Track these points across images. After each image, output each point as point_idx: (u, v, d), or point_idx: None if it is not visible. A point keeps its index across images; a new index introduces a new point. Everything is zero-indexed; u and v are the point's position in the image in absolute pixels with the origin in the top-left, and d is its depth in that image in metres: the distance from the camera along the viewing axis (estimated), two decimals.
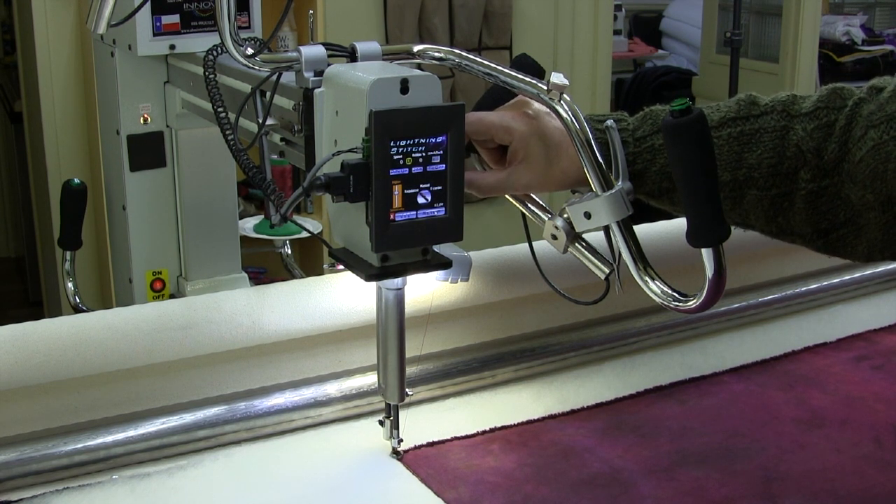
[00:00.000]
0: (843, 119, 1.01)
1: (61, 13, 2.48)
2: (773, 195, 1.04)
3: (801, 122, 1.04)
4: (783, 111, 1.05)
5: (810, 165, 1.02)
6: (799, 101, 1.06)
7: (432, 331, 1.25)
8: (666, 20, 6.21)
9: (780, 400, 1.28)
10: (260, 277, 2.41)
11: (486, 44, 3.34)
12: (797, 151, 1.03)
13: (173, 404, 1.14)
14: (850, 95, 1.04)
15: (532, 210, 1.13)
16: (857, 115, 1.00)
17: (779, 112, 1.05)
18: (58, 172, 2.52)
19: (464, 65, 1.07)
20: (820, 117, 1.03)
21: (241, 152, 1.09)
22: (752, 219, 1.07)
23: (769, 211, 1.05)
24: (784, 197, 1.04)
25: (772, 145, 1.04)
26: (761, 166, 1.04)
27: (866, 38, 4.77)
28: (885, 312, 1.55)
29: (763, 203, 1.05)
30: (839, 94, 1.04)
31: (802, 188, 1.03)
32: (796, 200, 1.04)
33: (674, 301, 1.00)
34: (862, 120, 0.99)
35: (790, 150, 1.03)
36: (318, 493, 1.07)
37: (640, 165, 1.08)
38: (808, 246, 1.07)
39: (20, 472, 1.05)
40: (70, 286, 1.67)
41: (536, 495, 1.07)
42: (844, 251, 1.05)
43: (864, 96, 1.02)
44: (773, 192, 1.04)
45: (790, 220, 1.05)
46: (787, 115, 1.05)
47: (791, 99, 1.06)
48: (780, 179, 1.04)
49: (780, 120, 1.05)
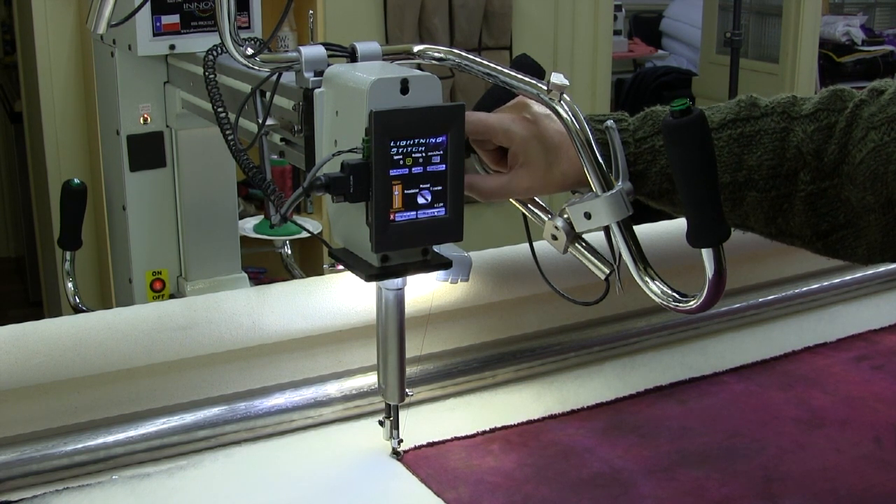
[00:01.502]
0: (844, 121, 1.01)
1: (61, 13, 2.48)
2: (773, 197, 1.04)
3: (802, 123, 1.03)
4: (783, 113, 1.05)
5: (810, 167, 1.02)
6: (799, 102, 1.06)
7: (432, 331, 1.25)
8: (666, 20, 6.21)
9: (780, 400, 1.28)
10: (260, 277, 2.41)
11: (486, 44, 3.34)
12: (797, 153, 1.03)
13: (173, 404, 1.14)
14: (851, 97, 1.03)
15: (532, 210, 1.13)
16: (858, 117, 1.00)
17: (779, 114, 1.05)
18: (58, 172, 2.52)
19: (464, 65, 1.07)
20: (820, 119, 1.03)
21: (241, 152, 1.09)
22: (751, 221, 1.07)
23: (769, 213, 1.05)
24: (783, 199, 1.04)
25: (771, 147, 1.04)
26: (761, 168, 1.04)
27: (866, 38, 4.77)
28: (885, 312, 1.55)
29: (763, 205, 1.05)
30: (839, 96, 1.04)
31: (802, 190, 1.03)
32: (796, 202, 1.04)
33: (674, 301, 1.00)
34: (862, 122, 0.99)
35: (790, 151, 1.03)
36: (318, 493, 1.07)
37: (641, 166, 1.08)
38: (807, 248, 1.07)
39: (20, 472, 1.05)
40: (70, 286, 1.67)
41: (536, 495, 1.07)
42: (844, 253, 1.05)
43: (865, 98, 1.01)
44: (772, 194, 1.04)
45: (789, 221, 1.05)
46: (787, 116, 1.05)
47: (791, 100, 1.06)
48: (780, 181, 1.04)
49: (780, 122, 1.05)
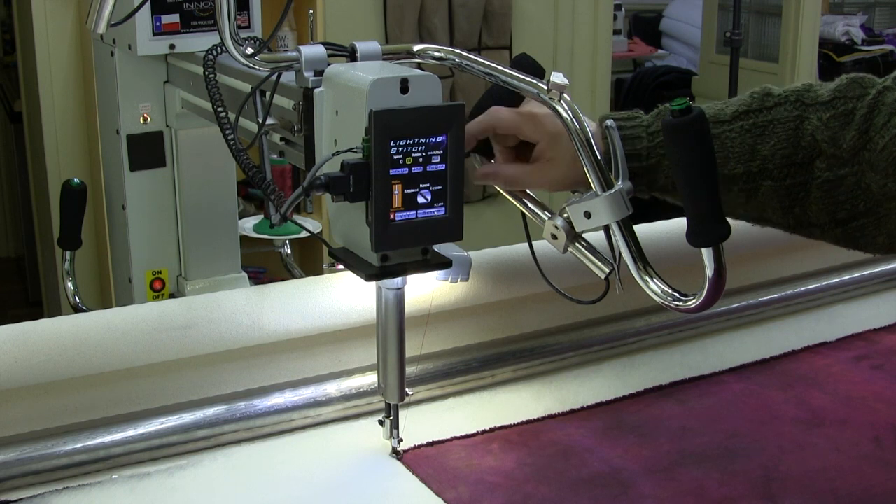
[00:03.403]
0: (865, 107, 1.00)
1: (61, 13, 2.48)
2: (788, 185, 1.03)
3: (817, 111, 1.02)
4: (797, 101, 1.04)
5: (826, 154, 1.01)
6: (815, 89, 1.05)
7: (432, 331, 1.25)
8: (666, 20, 6.21)
9: (780, 399, 1.28)
10: (260, 277, 2.40)
11: (486, 44, 3.34)
12: (812, 141, 1.02)
13: (173, 404, 1.14)
14: (872, 84, 1.02)
15: (532, 210, 1.13)
16: (881, 104, 0.99)
17: (792, 102, 1.04)
18: (58, 172, 2.51)
19: (464, 65, 1.07)
20: (837, 106, 1.02)
21: (241, 152, 1.09)
22: (768, 211, 1.06)
23: (785, 202, 1.04)
24: (800, 187, 1.03)
25: (785, 136, 1.03)
26: (775, 157, 1.03)
27: (866, 37, 4.77)
28: (885, 312, 1.55)
29: (778, 193, 1.04)
30: (859, 83, 1.03)
31: (818, 177, 1.02)
32: (812, 190, 1.03)
33: (674, 301, 1.00)
34: (886, 108, 0.98)
35: (805, 139, 1.02)
36: (318, 493, 1.07)
37: (654, 160, 1.08)
38: (825, 238, 1.05)
39: (20, 472, 1.05)
40: (70, 286, 1.67)
41: (536, 495, 1.07)
42: (864, 242, 1.04)
43: (890, 84, 1.00)
44: (787, 182, 1.03)
45: (807, 210, 1.04)
46: (801, 104, 1.04)
47: (806, 88, 1.05)
48: (795, 169, 1.03)
49: (793, 110, 1.04)
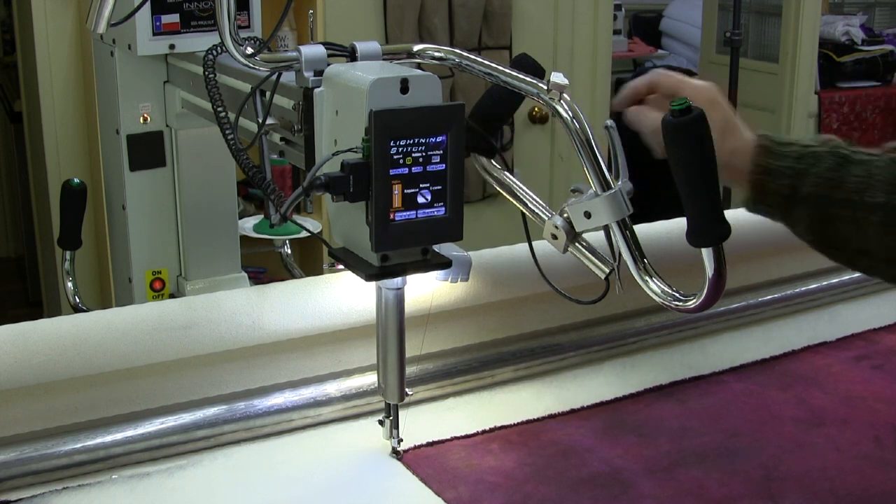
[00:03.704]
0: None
1: (61, 13, 2.48)
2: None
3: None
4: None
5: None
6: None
7: (432, 330, 1.25)
8: (666, 20, 6.21)
9: (780, 399, 1.28)
10: (260, 277, 2.40)
11: (486, 44, 3.34)
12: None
13: (173, 404, 1.14)
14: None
15: (532, 209, 1.13)
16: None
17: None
18: (58, 172, 2.51)
19: (464, 65, 1.07)
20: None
21: (241, 152, 1.09)
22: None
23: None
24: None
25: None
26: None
27: (866, 37, 4.75)
28: (885, 312, 1.55)
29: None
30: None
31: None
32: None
33: (674, 301, 1.00)
34: None
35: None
36: (318, 493, 1.07)
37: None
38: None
39: (20, 472, 1.05)
40: (70, 286, 1.67)
41: (536, 495, 1.07)
42: None
43: None
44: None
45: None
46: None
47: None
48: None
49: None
